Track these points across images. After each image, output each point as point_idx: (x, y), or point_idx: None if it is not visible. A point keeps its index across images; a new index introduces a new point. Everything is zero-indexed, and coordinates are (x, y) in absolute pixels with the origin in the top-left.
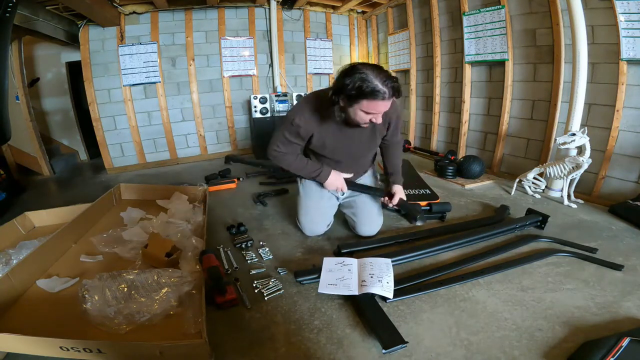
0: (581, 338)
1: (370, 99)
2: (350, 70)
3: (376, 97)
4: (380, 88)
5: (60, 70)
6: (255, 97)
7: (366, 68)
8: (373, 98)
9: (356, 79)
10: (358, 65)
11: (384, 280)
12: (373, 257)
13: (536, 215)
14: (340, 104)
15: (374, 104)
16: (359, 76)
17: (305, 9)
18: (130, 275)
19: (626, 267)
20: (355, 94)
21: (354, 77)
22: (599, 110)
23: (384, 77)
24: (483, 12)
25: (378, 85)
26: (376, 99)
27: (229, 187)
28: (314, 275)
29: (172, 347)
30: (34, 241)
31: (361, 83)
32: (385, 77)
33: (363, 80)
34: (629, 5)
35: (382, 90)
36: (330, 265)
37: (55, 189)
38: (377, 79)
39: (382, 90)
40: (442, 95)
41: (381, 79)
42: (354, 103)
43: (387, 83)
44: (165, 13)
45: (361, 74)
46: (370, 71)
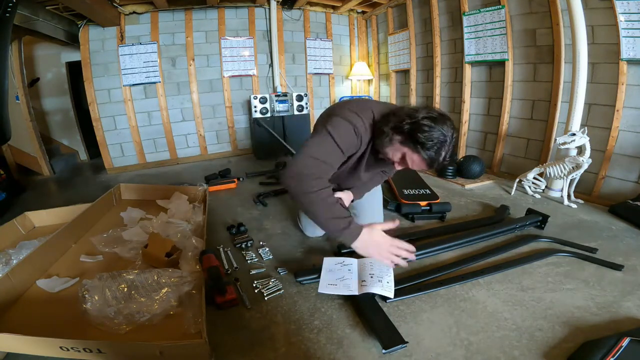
0: (581, 338)
1: (422, 158)
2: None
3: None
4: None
5: (60, 70)
6: (255, 97)
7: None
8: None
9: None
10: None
11: (384, 280)
12: (372, 258)
13: (536, 215)
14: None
15: (419, 163)
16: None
17: (305, 9)
18: (130, 275)
19: (626, 267)
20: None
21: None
22: (599, 110)
23: (450, 151)
24: (483, 12)
25: (441, 156)
26: (425, 161)
27: (229, 187)
28: (314, 275)
29: (172, 347)
30: (34, 241)
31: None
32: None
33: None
34: (629, 5)
35: (439, 161)
36: (330, 265)
37: (55, 189)
38: (445, 149)
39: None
40: (442, 95)
41: (446, 152)
42: (407, 146)
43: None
44: (165, 13)
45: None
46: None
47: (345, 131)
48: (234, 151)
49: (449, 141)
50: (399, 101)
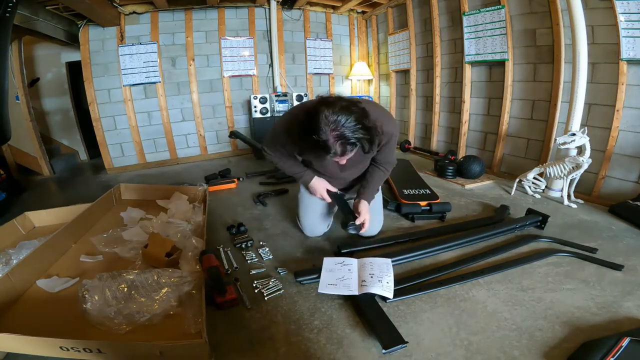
0: (581, 338)
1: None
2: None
3: (326, 151)
4: (330, 145)
5: (60, 70)
6: (255, 97)
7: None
8: (324, 152)
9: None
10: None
11: (384, 280)
12: (373, 257)
13: (536, 215)
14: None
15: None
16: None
17: (305, 9)
18: (130, 275)
19: (626, 267)
20: (310, 144)
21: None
22: (599, 110)
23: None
24: (483, 12)
25: (328, 141)
26: (327, 153)
27: (229, 187)
28: (314, 275)
29: (172, 347)
30: (34, 241)
31: (309, 131)
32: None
33: (312, 128)
34: (629, 5)
35: (333, 149)
36: (330, 265)
37: (55, 189)
38: (330, 132)
39: (333, 149)
40: (442, 95)
41: (335, 136)
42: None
43: (339, 142)
44: (165, 13)
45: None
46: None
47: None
48: (234, 151)
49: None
50: (399, 101)
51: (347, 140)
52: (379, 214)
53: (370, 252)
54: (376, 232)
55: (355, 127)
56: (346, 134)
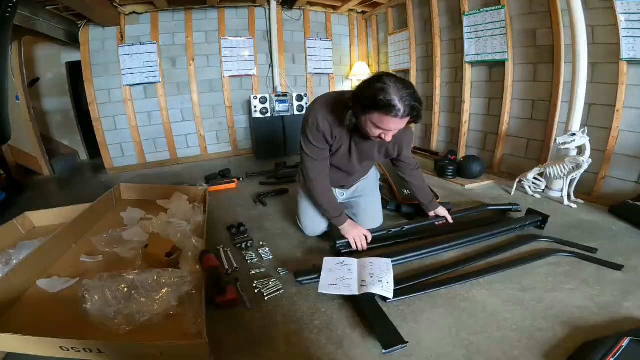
0: (581, 338)
1: (382, 113)
2: (373, 79)
3: (389, 112)
4: (396, 103)
5: (60, 70)
6: (255, 97)
7: (390, 80)
8: (385, 112)
9: (375, 88)
10: (384, 75)
11: (384, 280)
12: (373, 257)
13: (536, 215)
14: (354, 110)
15: (385, 120)
16: (379, 86)
17: (305, 9)
18: (130, 276)
19: (626, 267)
20: (369, 104)
21: (374, 85)
22: (599, 110)
23: (405, 94)
24: (483, 12)
25: (394, 99)
26: (388, 114)
27: (229, 187)
28: (314, 275)
29: (172, 347)
30: (34, 241)
31: (377, 93)
32: (406, 95)
33: (380, 91)
34: (629, 5)
35: (398, 106)
36: (330, 265)
37: (55, 189)
38: (396, 93)
39: (398, 106)
40: (442, 95)
41: (400, 95)
42: (367, 113)
43: (405, 100)
44: (165, 13)
45: (383, 84)
46: (393, 84)
47: (312, 131)
48: (234, 151)
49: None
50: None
51: (414, 99)
52: (379, 214)
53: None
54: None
55: (416, 94)
56: (413, 94)
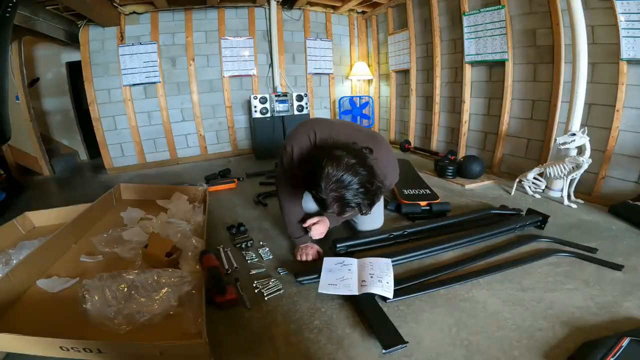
0: (581, 338)
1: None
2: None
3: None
4: (327, 204)
5: (60, 70)
6: (255, 97)
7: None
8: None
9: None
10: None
11: (384, 280)
12: (373, 258)
13: (536, 215)
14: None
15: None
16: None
17: (305, 9)
18: (130, 275)
19: (626, 267)
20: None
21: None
22: (599, 110)
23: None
24: (483, 12)
25: (327, 200)
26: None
27: (229, 187)
28: (314, 275)
29: (172, 347)
30: (34, 241)
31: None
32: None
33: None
34: (629, 5)
35: (329, 206)
36: (330, 265)
37: (55, 189)
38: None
39: (329, 206)
40: (442, 95)
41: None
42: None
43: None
44: (165, 13)
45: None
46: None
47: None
48: (234, 151)
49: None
50: (399, 101)
51: (346, 203)
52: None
53: (369, 251)
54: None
55: (358, 191)
56: (347, 197)
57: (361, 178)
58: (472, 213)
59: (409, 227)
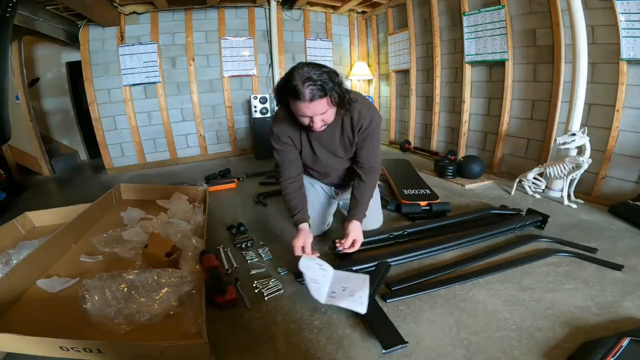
0: (581, 338)
1: (292, 100)
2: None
3: (296, 97)
4: (298, 89)
5: (60, 70)
6: (255, 97)
7: (301, 67)
8: (294, 98)
9: (285, 77)
10: (299, 64)
11: (356, 294)
12: (350, 273)
13: (536, 215)
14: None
15: (296, 105)
16: (288, 75)
17: (305, 9)
18: (130, 275)
19: (626, 267)
20: (281, 94)
21: (286, 74)
22: (599, 110)
23: (307, 76)
24: (483, 12)
25: (297, 85)
26: (297, 99)
27: (229, 187)
28: None
29: (172, 347)
30: (34, 241)
31: (284, 83)
32: (307, 78)
33: (287, 80)
34: (629, 5)
35: (300, 91)
36: (307, 262)
37: (55, 189)
38: (299, 78)
39: (300, 91)
40: (442, 95)
41: (303, 79)
42: (287, 103)
43: (306, 84)
44: (165, 13)
45: (291, 72)
46: (300, 69)
47: (274, 140)
48: (234, 151)
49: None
50: (399, 101)
51: (313, 82)
52: (378, 214)
53: (368, 251)
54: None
55: (322, 74)
56: (312, 76)
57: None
58: (472, 213)
59: (409, 227)
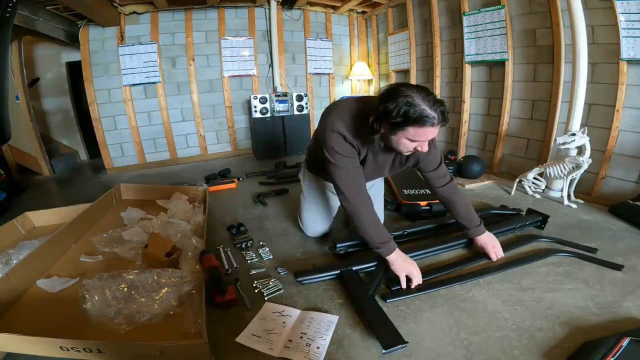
0: (581, 338)
1: (418, 126)
2: (393, 93)
3: (424, 123)
4: (428, 113)
5: (60, 70)
6: (255, 97)
7: (411, 90)
8: (421, 125)
9: (401, 103)
10: (401, 87)
11: (313, 344)
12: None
13: (536, 215)
14: (382, 131)
15: (422, 131)
16: (404, 100)
17: (305, 9)
18: (130, 275)
19: (626, 267)
20: (401, 121)
21: (398, 101)
22: (599, 110)
23: (431, 100)
24: (483, 12)
25: (426, 110)
26: (424, 125)
27: (229, 187)
28: (314, 275)
29: (172, 347)
30: (34, 241)
31: (408, 108)
32: (433, 101)
33: (410, 105)
34: (629, 5)
35: (432, 115)
36: (266, 313)
37: (55, 189)
38: (424, 102)
39: (432, 115)
40: (442, 95)
41: (429, 103)
42: (399, 130)
43: (435, 107)
44: (165, 13)
45: (406, 97)
46: (417, 94)
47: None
48: (234, 151)
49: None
50: None
51: (440, 103)
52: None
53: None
54: None
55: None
56: (437, 99)
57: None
58: None
59: (409, 227)
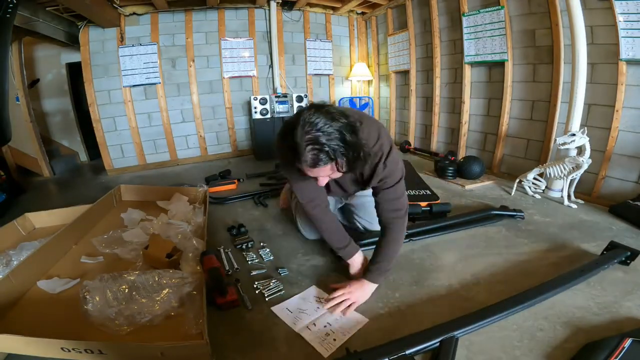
0: (582, 338)
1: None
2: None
3: (297, 158)
4: (299, 151)
5: (61, 71)
6: (255, 98)
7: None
8: (294, 158)
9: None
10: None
11: (332, 335)
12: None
13: (622, 249)
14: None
15: (305, 170)
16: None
17: (305, 10)
18: (131, 276)
19: (627, 267)
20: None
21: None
22: (598, 111)
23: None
24: (482, 12)
25: (299, 144)
26: (297, 160)
27: (229, 188)
28: None
29: (173, 348)
30: (35, 242)
31: (285, 133)
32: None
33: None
34: (628, 5)
35: (302, 154)
36: (308, 295)
37: (56, 190)
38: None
39: (302, 154)
40: (442, 96)
41: (306, 140)
42: None
43: (308, 147)
44: (165, 14)
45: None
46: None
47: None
48: (234, 152)
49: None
50: (399, 102)
51: (319, 146)
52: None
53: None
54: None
55: (333, 135)
56: (320, 138)
57: (339, 125)
58: (472, 213)
59: (409, 228)
